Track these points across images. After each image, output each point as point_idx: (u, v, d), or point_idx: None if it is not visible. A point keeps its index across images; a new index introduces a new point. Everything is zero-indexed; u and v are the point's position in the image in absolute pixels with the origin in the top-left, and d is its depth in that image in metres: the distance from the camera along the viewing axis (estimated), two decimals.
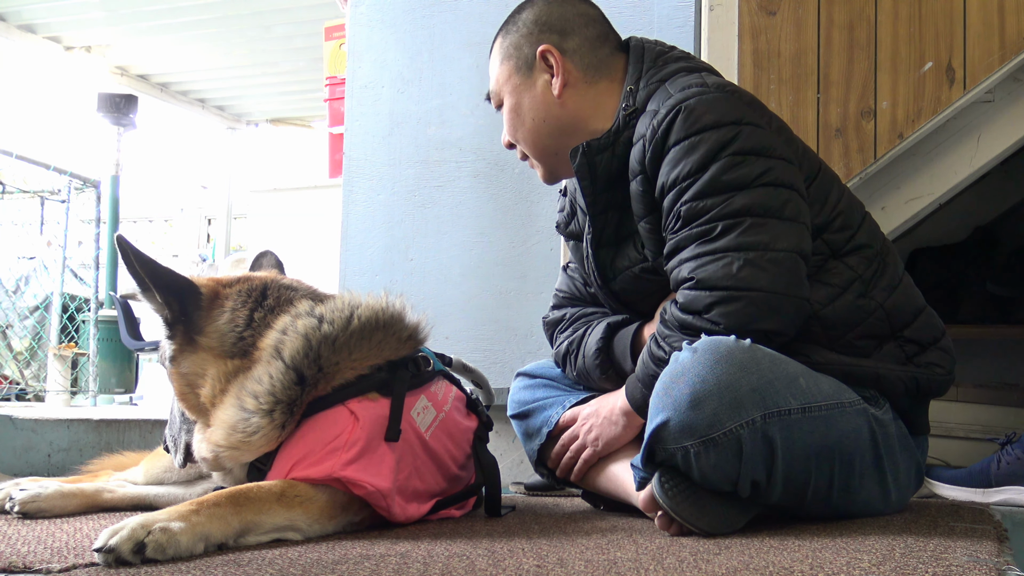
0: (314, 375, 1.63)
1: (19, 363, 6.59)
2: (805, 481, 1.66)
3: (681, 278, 1.73)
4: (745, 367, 1.59)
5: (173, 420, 1.83)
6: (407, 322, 1.78)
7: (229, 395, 1.63)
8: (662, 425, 1.59)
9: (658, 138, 1.75)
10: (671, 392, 1.60)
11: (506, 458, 2.93)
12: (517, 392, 2.13)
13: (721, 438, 1.56)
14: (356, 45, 3.44)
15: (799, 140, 1.90)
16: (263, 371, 1.62)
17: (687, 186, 1.71)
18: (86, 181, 6.17)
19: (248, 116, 9.26)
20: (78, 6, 6.80)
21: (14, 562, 1.27)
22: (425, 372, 1.78)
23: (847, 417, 1.68)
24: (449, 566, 1.25)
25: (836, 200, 1.84)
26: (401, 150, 3.31)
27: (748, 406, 1.57)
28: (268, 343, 1.64)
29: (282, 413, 1.61)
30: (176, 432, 1.81)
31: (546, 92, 1.92)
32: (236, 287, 1.75)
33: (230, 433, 1.61)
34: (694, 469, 1.59)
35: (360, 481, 1.55)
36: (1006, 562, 1.31)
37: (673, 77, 1.85)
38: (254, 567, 1.24)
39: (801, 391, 1.63)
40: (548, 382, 2.09)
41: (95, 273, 6.00)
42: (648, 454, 1.63)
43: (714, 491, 1.61)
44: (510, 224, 3.12)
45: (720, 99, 1.74)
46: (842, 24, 2.72)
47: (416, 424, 1.69)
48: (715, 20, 2.79)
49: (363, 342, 1.69)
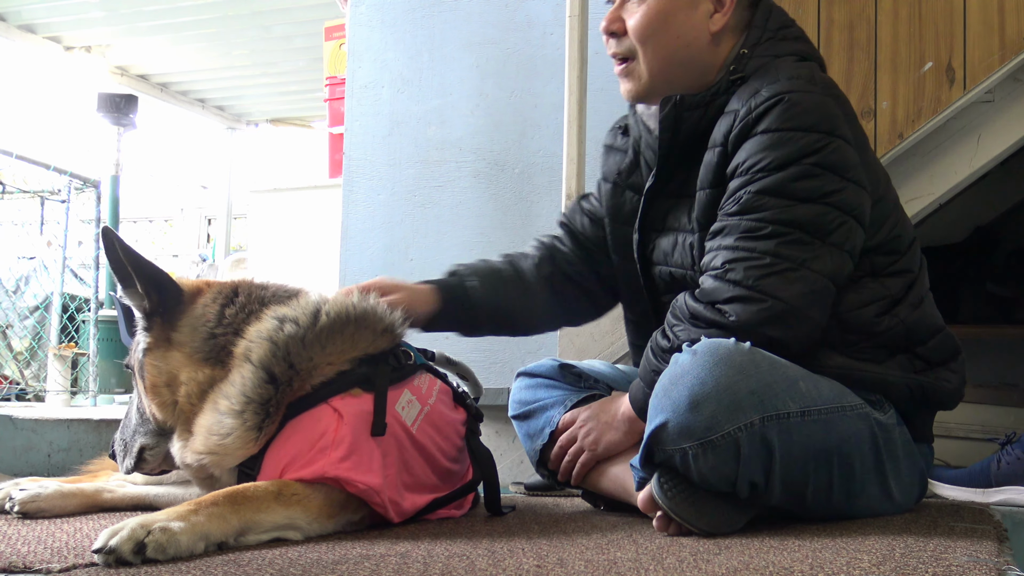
0: (286, 372, 1.62)
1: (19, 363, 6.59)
2: (804, 483, 1.66)
3: (713, 265, 1.73)
4: (744, 370, 1.59)
5: (128, 422, 1.81)
6: (381, 315, 1.77)
7: (208, 402, 1.64)
8: (661, 427, 1.59)
9: (750, 120, 1.72)
10: (670, 394, 1.60)
11: (506, 458, 2.93)
12: (518, 392, 2.12)
13: (719, 440, 1.56)
14: (356, 45, 3.44)
15: (873, 156, 1.88)
16: (236, 375, 1.63)
17: (759, 177, 1.70)
18: (86, 181, 6.16)
19: (248, 116, 9.26)
20: (78, 6, 6.80)
21: (14, 562, 1.27)
22: (407, 366, 1.77)
23: (847, 421, 1.68)
24: (449, 566, 1.25)
25: (892, 225, 1.83)
26: (401, 150, 3.31)
27: (747, 409, 1.57)
28: (240, 351, 1.65)
29: (255, 413, 1.60)
30: (129, 435, 1.79)
31: (704, 21, 1.84)
32: (213, 287, 1.78)
33: (207, 437, 1.61)
34: (692, 470, 1.58)
35: (352, 479, 1.55)
36: (1006, 562, 1.31)
37: (785, 57, 1.80)
38: (254, 567, 1.24)
39: (800, 395, 1.63)
40: (550, 382, 2.08)
41: (95, 273, 6.00)
42: (647, 455, 1.63)
43: (713, 492, 1.61)
44: (510, 224, 3.12)
45: (823, 103, 1.72)
46: (842, 24, 2.72)
47: (402, 418, 1.69)
48: None
49: (335, 336, 1.68)
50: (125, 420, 1.83)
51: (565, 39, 2.78)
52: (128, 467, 1.79)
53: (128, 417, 1.82)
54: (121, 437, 1.81)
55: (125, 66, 8.00)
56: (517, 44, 3.21)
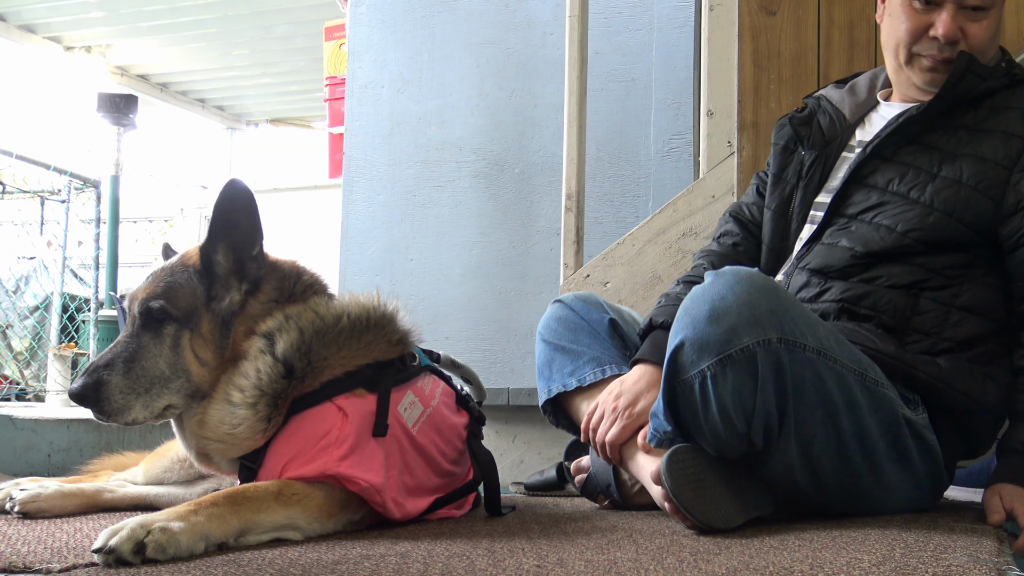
0: (304, 368, 1.63)
1: (19, 363, 6.59)
2: (814, 437, 1.66)
3: None
4: (766, 291, 1.62)
5: (140, 369, 1.60)
6: (399, 325, 1.77)
7: (219, 388, 1.63)
8: (678, 348, 1.61)
9: None
10: (690, 311, 1.62)
11: (506, 458, 2.93)
12: (556, 321, 2.09)
13: (737, 355, 1.57)
14: (356, 45, 3.44)
15: None
16: (250, 366, 1.62)
17: None
18: (86, 181, 6.17)
19: (248, 116, 9.27)
20: (78, 6, 6.81)
21: (14, 562, 1.27)
22: (411, 367, 1.78)
23: (863, 389, 1.69)
24: (449, 566, 1.25)
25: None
26: (401, 150, 3.31)
27: (766, 325, 1.59)
28: (264, 329, 1.65)
29: (267, 406, 1.61)
30: (146, 384, 1.59)
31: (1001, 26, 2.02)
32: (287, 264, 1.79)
33: (217, 425, 1.61)
34: (712, 402, 1.59)
35: (354, 477, 1.55)
36: (1006, 562, 1.31)
37: None
38: (254, 567, 1.24)
39: (818, 337, 1.65)
40: (591, 330, 2.06)
41: (95, 273, 6.00)
42: (668, 389, 1.65)
43: (721, 481, 1.61)
44: (510, 224, 3.12)
45: None
46: (842, 24, 2.72)
47: (403, 419, 1.69)
48: (715, 20, 2.79)
49: (352, 342, 1.69)
50: (127, 363, 1.60)
51: (565, 39, 2.78)
52: (136, 417, 1.59)
53: (140, 364, 1.61)
54: (127, 382, 1.59)
55: (125, 66, 8.00)
56: (517, 44, 3.21)
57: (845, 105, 2.13)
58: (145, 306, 1.63)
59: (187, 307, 1.64)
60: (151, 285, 1.66)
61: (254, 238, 1.70)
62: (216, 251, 1.68)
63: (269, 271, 1.72)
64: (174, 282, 1.66)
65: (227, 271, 1.68)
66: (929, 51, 1.96)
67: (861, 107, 2.13)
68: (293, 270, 1.78)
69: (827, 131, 2.10)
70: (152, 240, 11.61)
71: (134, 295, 1.68)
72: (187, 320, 1.63)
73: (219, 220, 1.67)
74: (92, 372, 1.59)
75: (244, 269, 1.69)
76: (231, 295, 1.68)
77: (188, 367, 1.62)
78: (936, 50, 1.95)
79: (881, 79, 2.16)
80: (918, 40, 1.96)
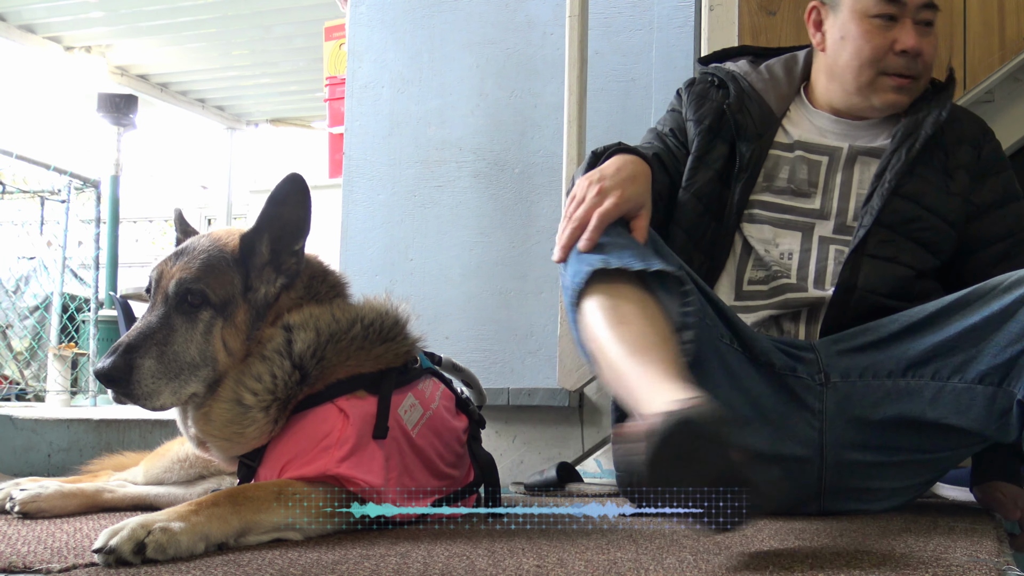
0: (315, 373, 1.63)
1: (19, 363, 6.60)
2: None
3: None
4: None
5: (172, 353, 1.56)
6: (408, 336, 1.77)
7: (226, 385, 1.62)
8: None
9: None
10: None
11: (506, 458, 2.93)
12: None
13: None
14: (356, 45, 3.44)
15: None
16: (264, 368, 1.62)
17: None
18: (86, 181, 6.18)
19: (248, 116, 9.27)
20: (78, 6, 6.81)
21: (14, 562, 1.27)
22: (412, 370, 1.77)
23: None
24: (449, 566, 1.25)
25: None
26: (401, 150, 3.31)
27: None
28: (291, 321, 1.64)
29: (278, 409, 1.61)
30: (177, 369, 1.56)
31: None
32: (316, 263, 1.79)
33: (226, 425, 1.61)
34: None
35: (354, 478, 1.55)
36: (1006, 562, 1.31)
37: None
38: (254, 567, 1.24)
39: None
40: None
41: (95, 273, 6.01)
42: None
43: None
44: (510, 224, 3.12)
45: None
46: None
47: (403, 422, 1.69)
48: (715, 20, 2.79)
49: (361, 352, 1.68)
50: (160, 347, 1.55)
51: (565, 39, 2.78)
52: (164, 403, 1.56)
53: (172, 348, 1.56)
54: (159, 367, 1.54)
55: (125, 66, 8.00)
56: (517, 44, 3.21)
57: (770, 95, 2.08)
58: (184, 287, 1.58)
59: (225, 294, 1.61)
60: (187, 265, 1.61)
61: (299, 233, 1.68)
62: (261, 241, 1.66)
63: (304, 268, 1.72)
64: (213, 266, 1.61)
65: (264, 262, 1.67)
66: (896, 68, 1.96)
67: (783, 99, 2.09)
68: (320, 269, 1.78)
69: (759, 123, 2.04)
70: (152, 240, 11.62)
71: (165, 271, 1.62)
72: (223, 308, 1.60)
73: (270, 211, 1.66)
74: (124, 353, 1.52)
75: (280, 262, 1.68)
76: (267, 287, 1.66)
77: (216, 355, 1.60)
78: (904, 66, 1.96)
79: (799, 69, 2.12)
80: (883, 58, 1.96)
